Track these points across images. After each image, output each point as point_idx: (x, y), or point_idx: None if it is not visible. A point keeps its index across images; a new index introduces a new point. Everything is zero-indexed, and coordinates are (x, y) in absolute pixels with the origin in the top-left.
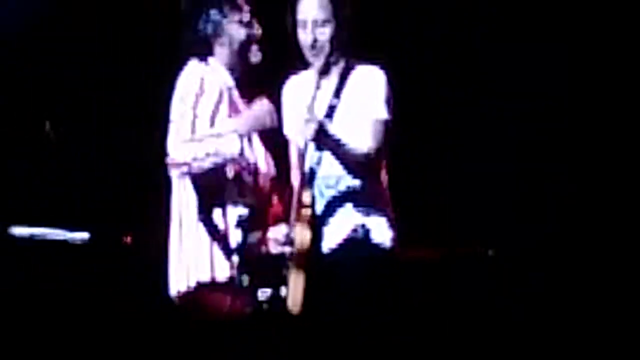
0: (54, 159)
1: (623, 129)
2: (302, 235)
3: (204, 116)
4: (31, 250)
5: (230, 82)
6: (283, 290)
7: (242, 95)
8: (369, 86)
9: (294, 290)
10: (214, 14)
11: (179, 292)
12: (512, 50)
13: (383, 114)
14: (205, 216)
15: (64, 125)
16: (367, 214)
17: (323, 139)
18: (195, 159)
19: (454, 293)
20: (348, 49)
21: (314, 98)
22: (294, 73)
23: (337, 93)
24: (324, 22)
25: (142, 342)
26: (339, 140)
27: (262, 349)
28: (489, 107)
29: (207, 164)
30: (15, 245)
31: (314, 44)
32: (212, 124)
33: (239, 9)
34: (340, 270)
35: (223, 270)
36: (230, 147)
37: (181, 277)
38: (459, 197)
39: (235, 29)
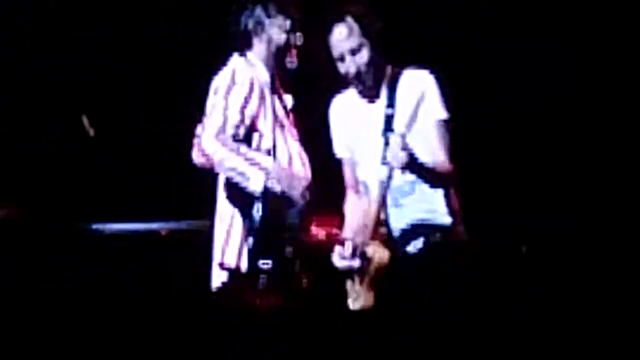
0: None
1: (623, 128)
2: (382, 254)
3: (234, 106)
4: (111, 243)
5: (265, 77)
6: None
7: (274, 91)
8: (421, 89)
9: (363, 305)
10: (258, 11)
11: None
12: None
13: (442, 113)
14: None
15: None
16: (441, 215)
17: (412, 166)
18: (220, 164)
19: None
20: (389, 58)
21: (387, 123)
22: (339, 92)
23: (391, 102)
24: (359, 48)
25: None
26: (423, 163)
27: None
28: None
29: (230, 175)
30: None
31: (358, 73)
32: (242, 116)
33: (285, 14)
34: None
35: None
36: (254, 183)
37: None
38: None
39: (275, 32)
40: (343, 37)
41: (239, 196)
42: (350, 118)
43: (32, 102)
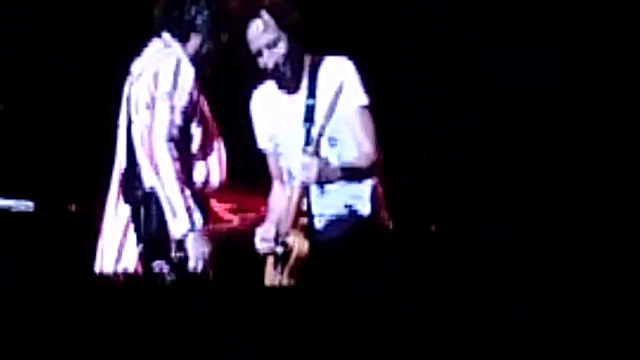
0: None
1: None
2: (302, 243)
3: (178, 106)
4: None
5: (192, 72)
6: None
7: (199, 89)
8: (340, 78)
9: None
10: (207, 12)
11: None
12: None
13: (363, 100)
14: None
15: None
16: (365, 202)
17: (326, 176)
18: (159, 178)
19: None
20: (309, 47)
21: (308, 113)
22: (256, 87)
23: (312, 93)
24: (277, 41)
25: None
26: (340, 168)
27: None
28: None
29: (160, 198)
30: None
31: (277, 66)
32: (184, 117)
33: (227, 20)
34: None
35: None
36: (176, 228)
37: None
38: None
39: (214, 35)
40: (260, 32)
41: (138, 197)
42: (272, 110)
43: None
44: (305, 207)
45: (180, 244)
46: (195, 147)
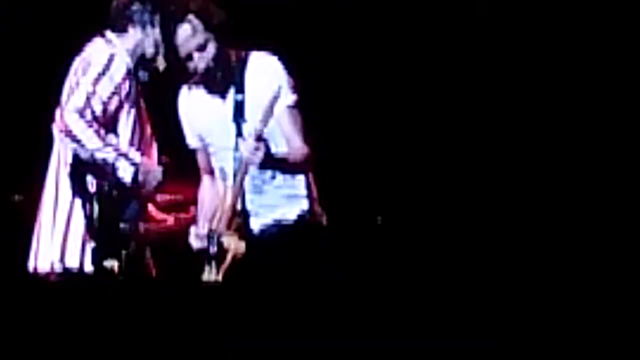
0: None
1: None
2: (237, 244)
3: (104, 89)
4: None
5: (129, 64)
6: None
7: (135, 80)
8: (268, 74)
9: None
10: (149, 10)
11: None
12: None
13: (292, 98)
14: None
15: None
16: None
17: (268, 162)
18: (84, 147)
19: None
20: (235, 44)
21: (237, 109)
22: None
23: (240, 88)
24: (205, 43)
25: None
26: (279, 156)
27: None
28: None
29: (95, 159)
30: None
31: (207, 69)
32: (108, 101)
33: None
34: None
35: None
36: (124, 175)
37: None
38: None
39: (153, 34)
40: (188, 35)
41: (83, 189)
42: (198, 109)
43: None
44: (239, 207)
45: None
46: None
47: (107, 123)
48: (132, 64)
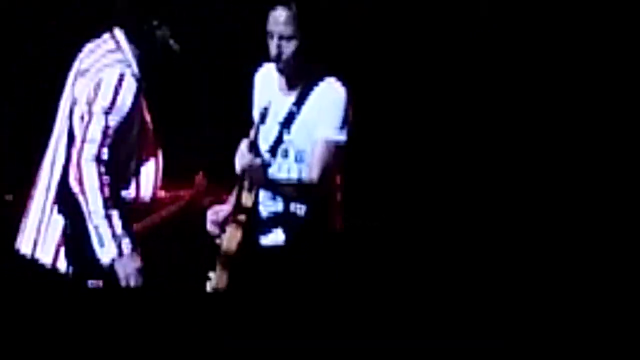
0: None
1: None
2: (233, 235)
3: (113, 123)
4: None
5: (137, 75)
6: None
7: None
8: (328, 103)
9: (218, 282)
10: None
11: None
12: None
13: (335, 134)
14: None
15: None
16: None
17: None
18: (87, 206)
19: None
20: (317, 62)
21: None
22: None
23: (299, 103)
24: (290, 38)
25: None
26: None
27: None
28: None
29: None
30: None
31: (278, 57)
32: (120, 136)
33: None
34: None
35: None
36: (104, 254)
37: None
38: None
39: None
40: (279, 19)
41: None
42: (268, 90)
43: None
44: (249, 204)
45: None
46: (128, 160)
47: (115, 155)
48: (141, 72)
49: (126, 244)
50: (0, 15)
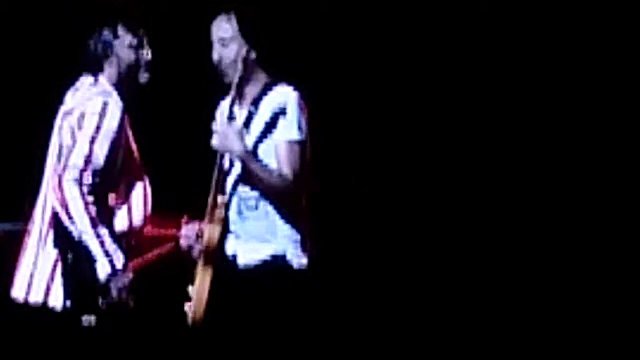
0: None
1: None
2: (211, 232)
3: (101, 148)
4: None
5: (120, 105)
6: None
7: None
8: (281, 106)
9: (199, 287)
10: (105, 33)
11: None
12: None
13: (295, 134)
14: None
15: None
16: (285, 241)
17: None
18: (75, 225)
19: None
20: (266, 67)
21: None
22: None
23: (250, 115)
24: (229, 42)
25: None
26: (262, 163)
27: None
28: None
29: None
30: None
31: (219, 63)
32: (105, 162)
33: (132, 32)
34: (251, 286)
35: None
36: (99, 271)
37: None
38: None
39: (125, 51)
40: (218, 24)
41: (67, 244)
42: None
43: None
44: (223, 200)
45: (106, 284)
46: (113, 185)
47: (101, 185)
48: (122, 98)
49: (118, 258)
50: None
